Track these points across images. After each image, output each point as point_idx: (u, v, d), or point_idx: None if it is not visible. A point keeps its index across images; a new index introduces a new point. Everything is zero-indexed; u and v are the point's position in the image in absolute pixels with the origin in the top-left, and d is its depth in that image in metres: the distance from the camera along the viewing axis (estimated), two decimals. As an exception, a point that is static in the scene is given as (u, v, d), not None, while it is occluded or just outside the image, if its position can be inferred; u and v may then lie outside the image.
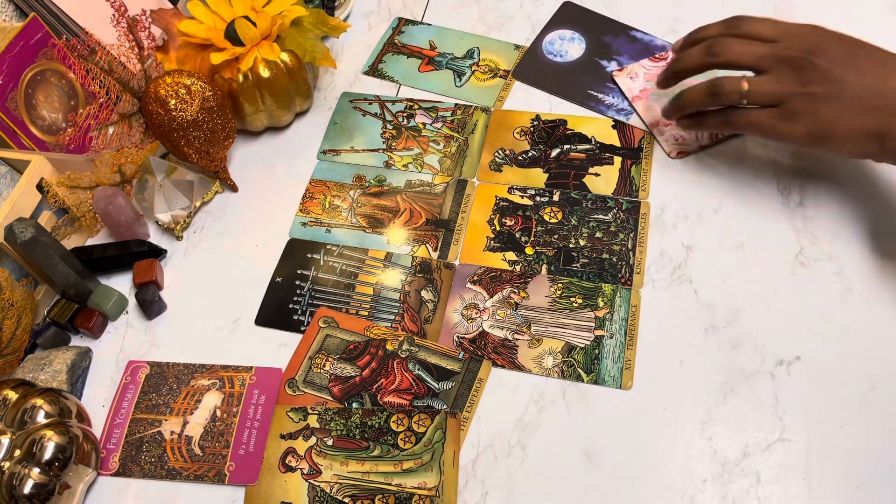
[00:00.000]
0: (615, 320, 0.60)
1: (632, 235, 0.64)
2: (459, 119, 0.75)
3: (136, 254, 0.68)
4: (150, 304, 0.65)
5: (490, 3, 0.85)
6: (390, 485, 0.54)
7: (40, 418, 0.54)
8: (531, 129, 0.73)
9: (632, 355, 0.58)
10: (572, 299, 0.61)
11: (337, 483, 0.55)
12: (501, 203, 0.68)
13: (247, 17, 0.70)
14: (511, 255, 0.65)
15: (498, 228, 0.67)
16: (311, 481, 0.55)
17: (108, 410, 0.61)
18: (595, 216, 0.66)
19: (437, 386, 0.58)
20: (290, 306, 0.65)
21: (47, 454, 0.52)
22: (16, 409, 0.54)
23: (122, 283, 0.68)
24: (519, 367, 0.59)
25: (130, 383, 0.62)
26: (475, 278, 0.64)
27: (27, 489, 0.51)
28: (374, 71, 0.81)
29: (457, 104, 0.76)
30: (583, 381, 0.57)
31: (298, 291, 0.65)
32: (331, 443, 0.56)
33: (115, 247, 0.69)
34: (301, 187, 0.72)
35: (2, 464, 0.52)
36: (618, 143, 0.70)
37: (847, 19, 0.76)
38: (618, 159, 0.69)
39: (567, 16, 0.81)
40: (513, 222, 0.67)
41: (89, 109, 0.65)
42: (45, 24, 0.73)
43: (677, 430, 0.54)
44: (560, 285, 0.62)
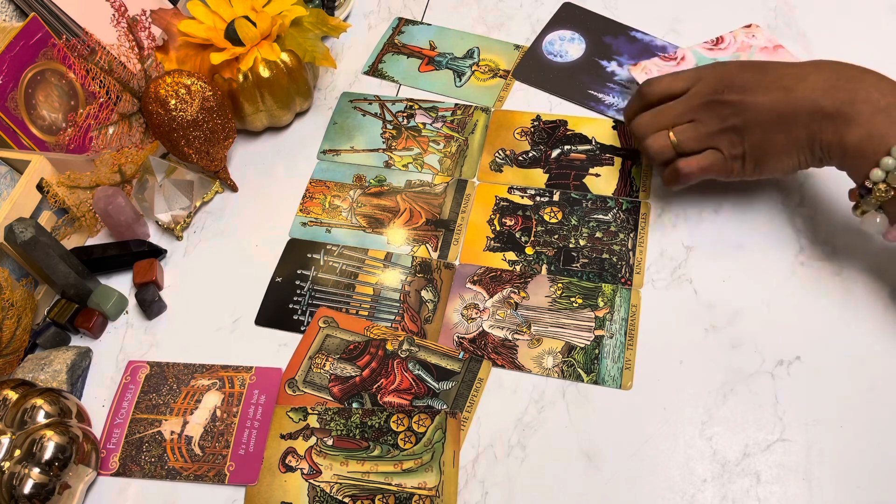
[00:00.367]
0: (615, 320, 0.60)
1: (632, 235, 0.64)
2: (459, 119, 0.75)
3: (136, 254, 0.68)
4: (150, 304, 0.65)
5: (490, 3, 0.85)
6: (390, 485, 0.54)
7: (40, 418, 0.54)
8: (531, 129, 0.73)
9: (632, 355, 0.58)
10: (572, 299, 0.61)
11: (337, 483, 0.55)
12: (501, 203, 0.68)
13: (247, 17, 0.70)
14: (511, 255, 0.65)
15: (498, 228, 0.67)
16: (311, 481, 0.55)
17: (108, 410, 0.61)
18: (595, 216, 0.66)
19: (437, 386, 0.58)
20: (290, 306, 0.65)
21: (47, 454, 0.52)
22: (16, 409, 0.54)
23: (122, 283, 0.68)
24: (519, 367, 0.59)
25: (130, 383, 0.62)
26: (475, 278, 0.64)
27: (27, 489, 0.51)
28: (374, 71, 0.81)
29: (457, 104, 0.76)
30: (583, 381, 0.57)
31: (298, 291, 0.65)
32: (331, 443, 0.56)
33: (115, 247, 0.69)
34: (301, 187, 0.72)
35: (2, 464, 0.52)
36: (618, 144, 0.70)
37: (847, 20, 0.76)
38: (618, 160, 0.69)
39: (567, 16, 0.81)
40: (513, 222, 0.67)
41: (89, 109, 0.65)
42: (45, 24, 0.73)
43: (677, 430, 0.54)
44: (560, 285, 0.62)
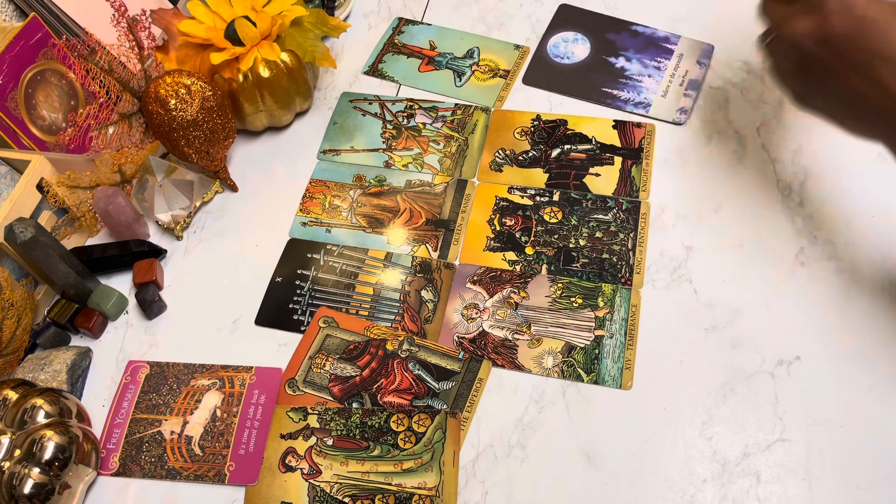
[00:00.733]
0: (615, 320, 0.60)
1: (632, 235, 0.64)
2: (459, 119, 0.75)
3: (136, 254, 0.68)
4: (150, 304, 0.65)
5: (490, 3, 0.85)
6: (390, 485, 0.54)
7: (40, 418, 0.54)
8: (531, 129, 0.73)
9: (632, 355, 0.58)
10: (572, 299, 0.61)
11: (337, 483, 0.55)
12: (501, 203, 0.68)
13: (247, 17, 0.70)
14: (511, 255, 0.65)
15: (498, 228, 0.67)
16: (311, 481, 0.55)
17: (108, 410, 0.61)
18: (595, 216, 0.66)
19: (437, 386, 0.58)
20: (290, 306, 0.65)
21: (47, 454, 0.52)
22: (16, 409, 0.54)
23: (122, 283, 0.68)
24: (519, 367, 0.59)
25: (130, 383, 0.62)
26: (475, 278, 0.64)
27: (27, 489, 0.51)
28: (374, 71, 0.81)
29: (457, 104, 0.76)
30: (583, 381, 0.57)
31: (298, 291, 0.65)
32: (331, 443, 0.56)
33: (115, 247, 0.69)
34: (301, 187, 0.72)
35: (2, 464, 0.52)
36: (618, 144, 0.70)
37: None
38: (618, 159, 0.69)
39: (566, 18, 0.81)
40: (513, 222, 0.67)
41: (89, 109, 0.65)
42: (45, 24, 0.73)
43: (677, 430, 0.54)
44: (560, 285, 0.62)
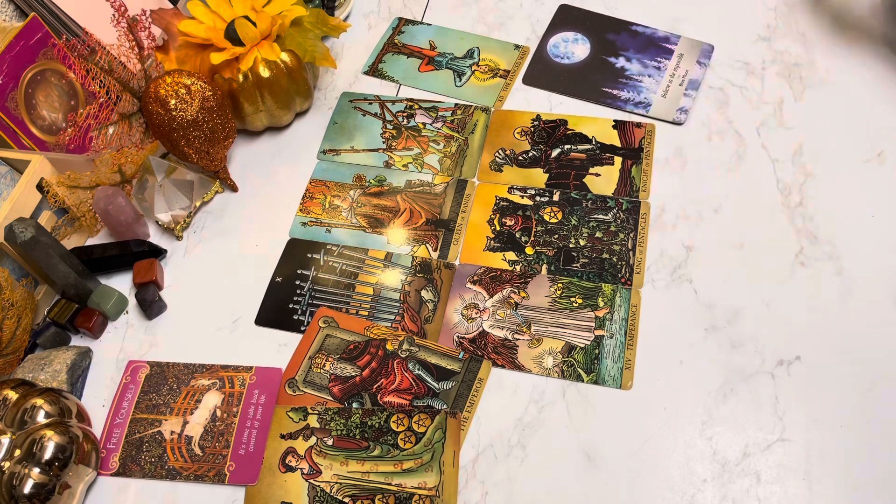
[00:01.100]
0: (615, 320, 0.60)
1: (632, 235, 0.64)
2: (459, 119, 0.75)
3: (136, 254, 0.68)
4: (150, 304, 0.65)
5: (490, 3, 0.85)
6: (390, 485, 0.54)
7: (40, 418, 0.54)
8: (531, 129, 0.73)
9: (632, 355, 0.58)
10: (572, 299, 0.61)
11: (337, 483, 0.55)
12: (501, 203, 0.68)
13: (247, 17, 0.70)
14: (511, 255, 0.65)
15: (498, 228, 0.67)
16: (311, 481, 0.55)
17: (108, 410, 0.61)
18: (595, 216, 0.66)
19: (437, 386, 0.58)
20: (290, 306, 0.65)
21: (47, 454, 0.52)
22: (16, 409, 0.54)
23: (122, 283, 0.68)
24: (519, 367, 0.59)
25: (130, 383, 0.62)
26: (475, 278, 0.64)
27: (27, 489, 0.51)
28: (374, 71, 0.81)
29: (457, 104, 0.76)
30: (583, 381, 0.57)
31: (298, 291, 0.65)
32: (331, 443, 0.56)
33: (115, 247, 0.69)
34: (301, 187, 0.72)
35: (2, 464, 0.52)
36: (618, 144, 0.70)
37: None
38: (618, 159, 0.69)
39: (566, 18, 0.81)
40: (513, 222, 0.67)
41: (89, 109, 0.65)
42: (45, 24, 0.73)
43: (677, 430, 0.54)
44: (560, 285, 0.62)
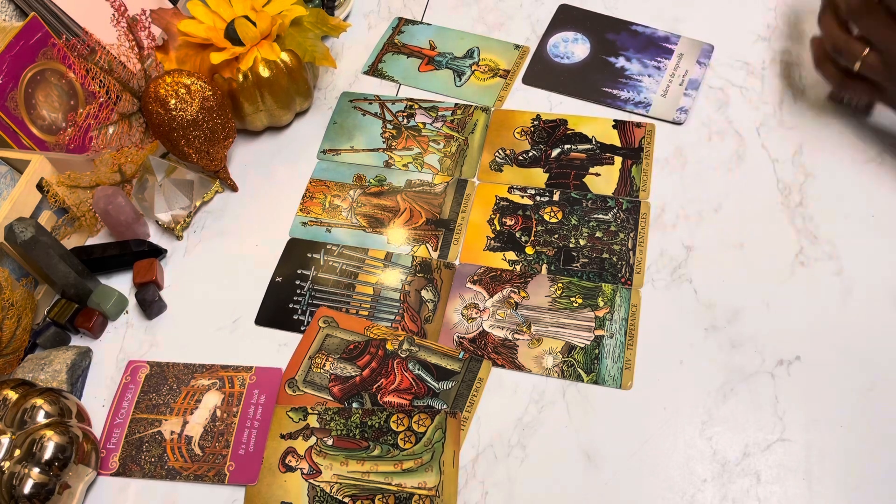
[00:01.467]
0: (615, 320, 0.60)
1: (632, 235, 0.64)
2: (459, 119, 0.75)
3: (136, 254, 0.68)
4: (150, 304, 0.65)
5: (490, 3, 0.85)
6: (390, 485, 0.54)
7: (40, 418, 0.54)
8: (531, 128, 0.73)
9: (632, 355, 0.58)
10: (572, 299, 0.61)
11: (337, 483, 0.55)
12: (501, 203, 0.68)
13: (247, 17, 0.70)
14: (511, 255, 0.65)
15: (498, 228, 0.67)
16: (311, 481, 0.55)
17: (108, 410, 0.61)
18: (595, 216, 0.66)
19: (437, 386, 0.58)
20: (290, 306, 0.65)
21: (47, 454, 0.52)
22: (16, 409, 0.54)
23: (122, 283, 0.68)
24: (519, 367, 0.59)
25: (130, 383, 0.62)
26: (475, 278, 0.64)
27: (27, 489, 0.51)
28: (374, 71, 0.81)
29: (457, 104, 0.76)
30: (583, 380, 0.57)
31: (298, 291, 0.65)
32: (331, 443, 0.56)
33: (115, 247, 0.69)
34: (301, 187, 0.72)
35: (2, 464, 0.52)
36: (618, 143, 0.70)
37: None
38: (618, 159, 0.69)
39: (566, 18, 0.81)
40: (513, 222, 0.67)
41: (89, 109, 0.65)
42: (45, 23, 0.73)
43: (677, 430, 0.54)
44: (560, 285, 0.62)
